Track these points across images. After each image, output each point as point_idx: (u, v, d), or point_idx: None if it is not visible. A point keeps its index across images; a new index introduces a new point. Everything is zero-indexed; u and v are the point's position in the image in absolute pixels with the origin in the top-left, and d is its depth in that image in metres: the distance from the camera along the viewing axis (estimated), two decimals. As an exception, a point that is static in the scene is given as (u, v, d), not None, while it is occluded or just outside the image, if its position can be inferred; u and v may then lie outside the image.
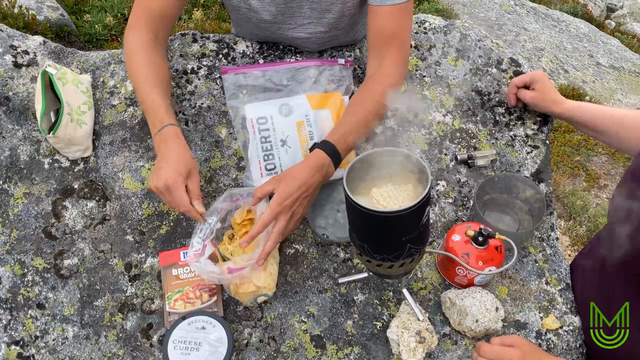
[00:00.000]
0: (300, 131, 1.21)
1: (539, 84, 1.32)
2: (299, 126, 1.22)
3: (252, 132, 1.22)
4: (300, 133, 1.21)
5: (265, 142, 1.21)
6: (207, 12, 3.54)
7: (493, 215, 1.28)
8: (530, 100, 1.34)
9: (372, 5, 1.20)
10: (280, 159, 1.22)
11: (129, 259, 1.22)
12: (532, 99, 1.33)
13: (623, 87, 3.93)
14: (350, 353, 1.13)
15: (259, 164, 1.22)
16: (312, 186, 1.10)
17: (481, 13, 4.22)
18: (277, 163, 1.22)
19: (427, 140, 1.36)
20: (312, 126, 1.22)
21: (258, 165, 1.22)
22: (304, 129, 1.22)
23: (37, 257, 1.21)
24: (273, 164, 1.22)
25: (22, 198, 1.26)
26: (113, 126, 1.35)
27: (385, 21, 1.20)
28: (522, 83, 1.35)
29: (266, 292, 1.14)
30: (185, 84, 1.40)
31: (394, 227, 0.89)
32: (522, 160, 1.36)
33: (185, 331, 1.07)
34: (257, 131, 1.21)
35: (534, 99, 1.33)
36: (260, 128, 1.20)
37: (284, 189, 1.07)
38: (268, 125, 1.21)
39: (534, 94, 1.33)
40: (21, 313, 1.16)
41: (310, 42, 1.38)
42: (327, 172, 1.13)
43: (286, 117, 1.23)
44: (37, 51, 1.38)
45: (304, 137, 1.22)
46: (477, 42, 1.50)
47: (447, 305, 1.15)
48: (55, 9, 3.11)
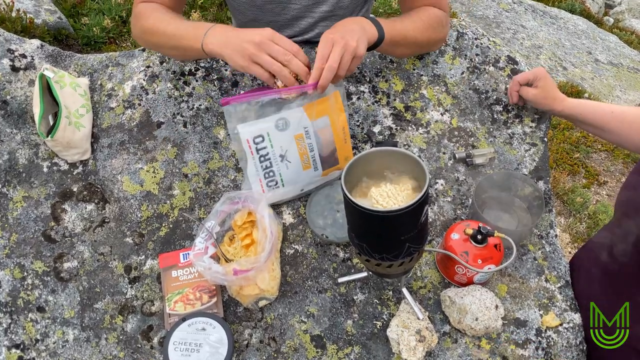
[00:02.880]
0: (300, 144, 1.18)
1: (541, 81, 1.32)
2: (298, 139, 1.17)
3: (249, 152, 1.16)
4: (300, 146, 1.18)
5: (265, 160, 1.18)
6: (205, 14, 3.55)
7: (492, 213, 1.28)
8: (533, 97, 1.33)
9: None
10: (281, 174, 1.20)
11: (129, 261, 1.22)
12: (534, 97, 1.33)
13: (622, 83, 3.93)
14: (350, 353, 1.13)
15: (260, 182, 1.20)
16: (355, 25, 1.12)
17: (479, 11, 4.22)
18: (278, 179, 1.20)
19: (425, 139, 1.36)
20: (312, 138, 1.18)
21: (259, 183, 1.20)
22: (303, 142, 1.18)
23: (37, 261, 1.21)
24: (275, 180, 1.21)
25: (21, 201, 1.26)
26: (111, 129, 1.35)
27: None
28: (525, 80, 1.34)
29: (268, 296, 1.14)
30: (183, 86, 1.40)
31: (393, 226, 0.89)
32: (521, 158, 1.36)
33: (185, 332, 1.07)
34: (254, 151, 1.16)
35: (537, 96, 1.32)
36: (258, 147, 1.15)
37: (329, 31, 1.11)
38: (265, 143, 1.15)
39: (536, 91, 1.32)
40: (21, 316, 1.16)
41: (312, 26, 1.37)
42: (367, 27, 1.15)
43: (283, 132, 1.16)
44: (35, 55, 1.38)
45: (303, 149, 1.18)
46: (474, 40, 1.50)
47: (447, 304, 1.15)
48: (53, 12, 3.12)
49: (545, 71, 1.33)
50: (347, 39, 1.08)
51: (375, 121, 1.38)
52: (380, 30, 1.17)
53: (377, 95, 1.41)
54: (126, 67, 1.43)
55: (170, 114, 1.37)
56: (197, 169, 1.31)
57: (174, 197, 1.28)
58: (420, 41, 1.31)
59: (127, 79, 1.41)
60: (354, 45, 1.08)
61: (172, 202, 1.27)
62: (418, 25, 1.28)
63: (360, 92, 1.41)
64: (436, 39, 1.37)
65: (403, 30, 1.24)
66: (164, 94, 1.39)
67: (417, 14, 1.29)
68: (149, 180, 1.29)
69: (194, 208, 1.27)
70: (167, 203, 1.27)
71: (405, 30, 1.25)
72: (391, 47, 1.25)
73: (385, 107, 1.39)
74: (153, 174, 1.30)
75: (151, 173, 1.30)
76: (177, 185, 1.29)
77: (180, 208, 1.27)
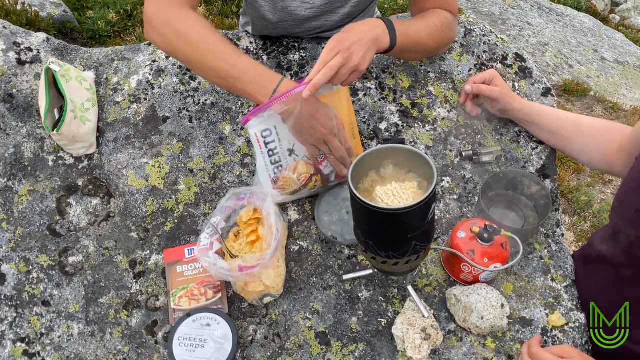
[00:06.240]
0: None
1: (498, 80, 1.30)
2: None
3: (258, 146, 1.17)
4: None
5: (273, 155, 1.17)
6: (210, 8, 3.54)
7: (498, 211, 1.27)
8: (499, 94, 1.29)
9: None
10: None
11: (134, 256, 1.22)
12: (500, 94, 1.29)
13: (628, 81, 3.91)
14: (355, 350, 1.13)
15: (270, 177, 1.20)
16: (366, 35, 1.10)
17: (485, 8, 4.19)
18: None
19: (432, 137, 1.36)
20: None
21: (269, 178, 1.20)
22: None
23: (42, 255, 1.21)
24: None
25: (26, 195, 1.26)
26: (117, 123, 1.35)
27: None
28: (482, 80, 1.32)
29: (273, 293, 1.14)
30: (189, 81, 1.39)
31: (400, 224, 0.89)
32: (528, 156, 1.35)
33: (190, 328, 1.07)
34: (262, 145, 1.16)
35: (501, 93, 1.29)
36: (266, 141, 1.16)
37: (340, 34, 1.09)
38: (273, 137, 1.16)
39: (500, 89, 1.30)
40: (26, 310, 1.16)
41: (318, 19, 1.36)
42: (381, 37, 1.14)
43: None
44: (41, 48, 1.38)
45: None
46: (482, 37, 1.49)
47: (453, 302, 1.14)
48: (58, 6, 3.11)
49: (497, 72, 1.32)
50: (352, 51, 1.07)
51: (382, 118, 1.37)
52: (393, 39, 1.17)
53: (384, 92, 1.40)
54: (132, 62, 1.42)
55: (176, 109, 1.36)
56: (202, 164, 1.31)
57: (179, 192, 1.28)
58: (430, 47, 1.32)
59: (133, 73, 1.40)
60: (356, 62, 1.08)
61: (177, 197, 1.27)
62: (431, 31, 1.27)
63: (367, 89, 1.40)
64: (445, 43, 1.37)
65: (415, 37, 1.23)
66: (170, 88, 1.38)
67: (429, 18, 1.28)
68: (155, 175, 1.29)
69: (199, 203, 1.27)
70: (173, 198, 1.27)
71: (419, 36, 1.24)
72: (401, 53, 1.26)
73: (392, 104, 1.39)
74: (158, 168, 1.30)
75: (157, 168, 1.30)
76: (182, 180, 1.29)
77: (185, 203, 1.27)
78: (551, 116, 1.30)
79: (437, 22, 1.28)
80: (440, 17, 1.28)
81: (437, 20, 1.28)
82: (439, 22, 1.28)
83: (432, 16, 1.28)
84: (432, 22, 1.27)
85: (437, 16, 1.28)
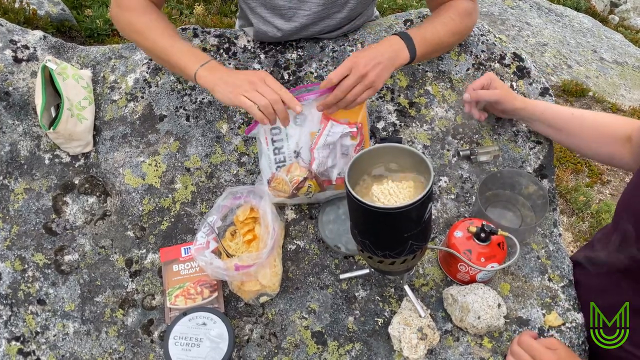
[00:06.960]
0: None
1: (496, 82, 1.29)
2: (313, 137, 1.15)
3: (264, 142, 1.16)
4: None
5: (279, 154, 1.16)
6: (209, 7, 3.53)
7: (495, 211, 1.27)
8: (499, 96, 1.28)
9: None
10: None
11: (130, 254, 1.22)
12: (500, 95, 1.28)
13: (627, 82, 3.91)
14: (351, 349, 1.13)
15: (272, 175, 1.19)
16: (384, 54, 1.13)
17: (484, 7, 4.19)
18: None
19: (430, 136, 1.36)
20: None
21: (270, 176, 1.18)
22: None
23: (38, 253, 1.21)
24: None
25: (22, 193, 1.25)
26: (113, 121, 1.34)
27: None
28: (480, 86, 1.30)
29: (269, 292, 1.14)
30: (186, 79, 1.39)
31: (396, 223, 0.89)
32: (525, 156, 1.35)
33: (186, 327, 1.07)
34: (269, 141, 1.15)
35: (501, 95, 1.28)
36: (274, 138, 1.15)
37: (358, 53, 1.12)
38: (282, 135, 1.15)
39: (499, 90, 1.28)
40: (22, 309, 1.16)
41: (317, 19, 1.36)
42: (400, 53, 1.16)
43: (300, 127, 1.16)
44: (37, 46, 1.37)
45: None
46: (480, 36, 1.48)
47: (449, 302, 1.14)
48: (56, 4, 3.11)
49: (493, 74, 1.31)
50: (369, 69, 1.09)
51: (379, 117, 1.37)
52: (412, 51, 1.18)
53: (382, 91, 1.40)
54: (129, 60, 1.42)
55: (173, 107, 1.36)
56: (199, 162, 1.30)
57: (175, 191, 1.27)
58: (451, 42, 1.33)
59: (130, 72, 1.40)
60: (372, 80, 1.10)
61: (174, 196, 1.27)
62: (448, 28, 1.26)
63: (365, 88, 1.40)
64: (466, 33, 1.37)
65: (435, 38, 1.24)
66: (167, 87, 1.38)
67: (445, 14, 1.27)
68: (151, 174, 1.29)
69: (196, 202, 1.27)
70: (169, 197, 1.27)
71: (438, 37, 1.25)
72: (423, 58, 1.27)
73: (390, 103, 1.38)
74: (155, 167, 1.29)
75: (153, 166, 1.29)
76: (179, 179, 1.29)
77: (182, 202, 1.26)
78: (555, 113, 1.29)
79: (453, 16, 1.27)
80: (458, 9, 1.28)
81: (454, 14, 1.27)
82: (455, 15, 1.27)
83: (449, 11, 1.27)
84: (448, 18, 1.26)
85: (453, 9, 1.27)
